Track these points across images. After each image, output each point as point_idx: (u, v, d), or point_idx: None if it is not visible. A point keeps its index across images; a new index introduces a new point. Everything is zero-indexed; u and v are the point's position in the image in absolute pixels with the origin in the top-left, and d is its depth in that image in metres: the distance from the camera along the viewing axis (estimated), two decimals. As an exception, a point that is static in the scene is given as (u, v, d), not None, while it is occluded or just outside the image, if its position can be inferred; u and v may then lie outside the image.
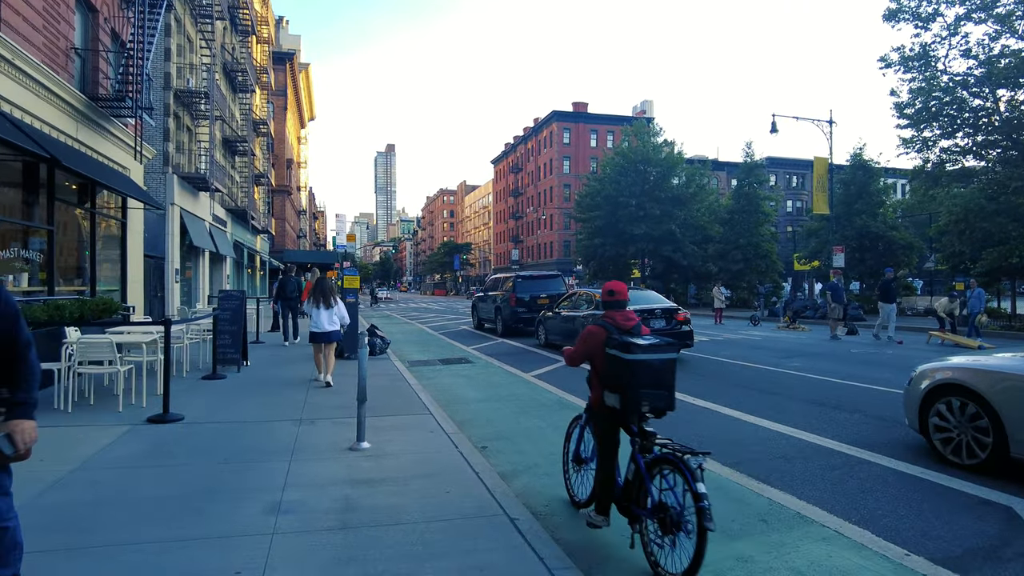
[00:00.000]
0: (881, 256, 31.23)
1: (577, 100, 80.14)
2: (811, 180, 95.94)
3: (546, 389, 9.74)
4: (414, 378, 10.30)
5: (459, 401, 8.87)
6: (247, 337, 11.35)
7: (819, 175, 29.33)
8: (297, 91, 70.39)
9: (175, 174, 21.17)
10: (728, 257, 39.87)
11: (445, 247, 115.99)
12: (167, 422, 6.73)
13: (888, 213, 32.25)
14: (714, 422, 7.41)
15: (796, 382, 10.03)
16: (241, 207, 33.30)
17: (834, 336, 18.15)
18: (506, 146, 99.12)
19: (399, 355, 14.14)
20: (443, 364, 12.82)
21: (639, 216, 40.58)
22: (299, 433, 6.42)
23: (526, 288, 18.89)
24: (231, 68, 32.16)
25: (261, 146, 45.62)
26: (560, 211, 76.88)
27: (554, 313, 15.12)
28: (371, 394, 8.67)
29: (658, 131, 43.90)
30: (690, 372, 11.26)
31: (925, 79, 22.66)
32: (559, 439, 6.68)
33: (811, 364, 12.00)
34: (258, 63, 42.02)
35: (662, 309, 12.44)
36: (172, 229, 21.02)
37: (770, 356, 13.41)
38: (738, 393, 9.16)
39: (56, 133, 11.95)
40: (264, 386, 9.35)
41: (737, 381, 10.22)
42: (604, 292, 4.44)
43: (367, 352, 5.98)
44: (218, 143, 29.33)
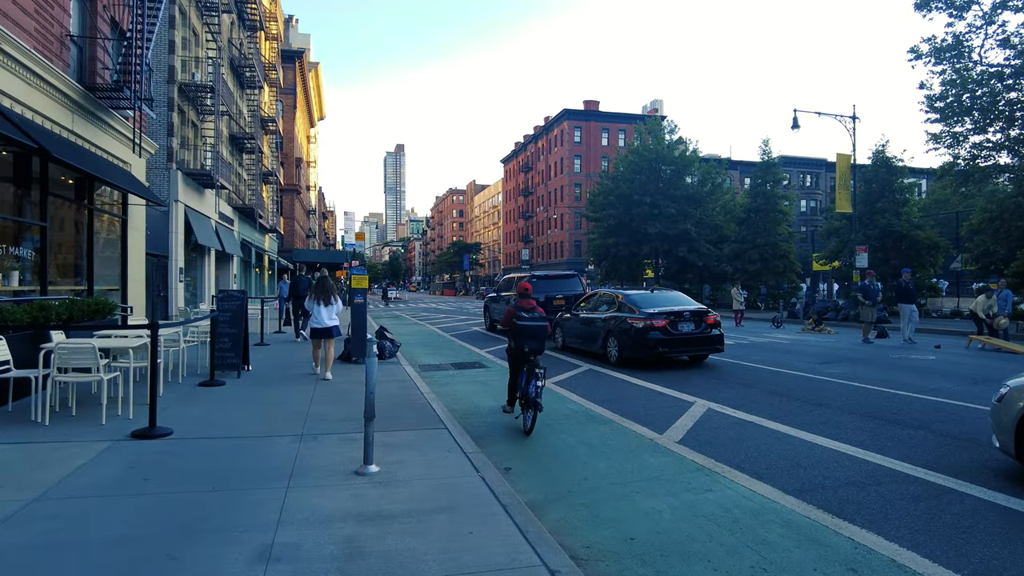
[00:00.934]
0: (904, 256, 30.21)
1: (588, 98, 79.29)
2: (825, 180, 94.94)
3: (569, 398, 8.98)
4: (426, 385, 9.56)
5: (476, 412, 8.12)
6: (249, 340, 10.65)
7: (842, 172, 28.37)
8: (306, 90, 69.98)
9: (179, 170, 20.56)
10: (744, 257, 38.93)
11: (454, 247, 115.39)
12: (153, 437, 6.02)
13: (912, 212, 31.18)
14: (763, 439, 6.63)
15: (842, 391, 9.21)
16: (249, 205, 32.73)
17: (866, 340, 17.28)
18: (516, 145, 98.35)
19: (409, 359, 13.42)
20: (456, 369, 12.09)
21: (653, 215, 39.70)
22: (300, 452, 5.69)
23: (541, 288, 18.12)
24: (239, 64, 31.60)
25: (269, 144, 45.10)
26: (571, 210, 76.00)
27: (572, 314, 14.35)
28: (381, 403, 7.94)
29: (673, 128, 43.00)
30: (724, 380, 10.47)
31: (956, 71, 21.73)
32: (593, 460, 5.96)
33: (853, 371, 11.17)
34: (267, 60, 41.48)
35: (691, 312, 11.64)
36: (176, 227, 20.42)
37: (805, 361, 12.58)
38: (781, 404, 8.37)
39: (50, 124, 11.32)
40: (264, 394, 8.65)
41: (776, 389, 9.42)
42: (519, 289, 7.99)
43: (375, 361, 5.24)
44: (225, 139, 28.76)
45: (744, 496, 4.92)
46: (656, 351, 11.31)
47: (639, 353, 11.50)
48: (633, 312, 11.75)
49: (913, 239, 29.75)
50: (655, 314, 11.44)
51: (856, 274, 28.80)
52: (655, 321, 11.31)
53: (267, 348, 14.38)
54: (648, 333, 11.29)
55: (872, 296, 18.52)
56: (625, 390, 9.60)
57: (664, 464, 5.80)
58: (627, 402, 8.65)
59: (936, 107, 21.80)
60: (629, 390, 9.60)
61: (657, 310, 11.57)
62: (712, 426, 7.22)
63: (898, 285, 18.74)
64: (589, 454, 6.14)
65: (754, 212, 39.64)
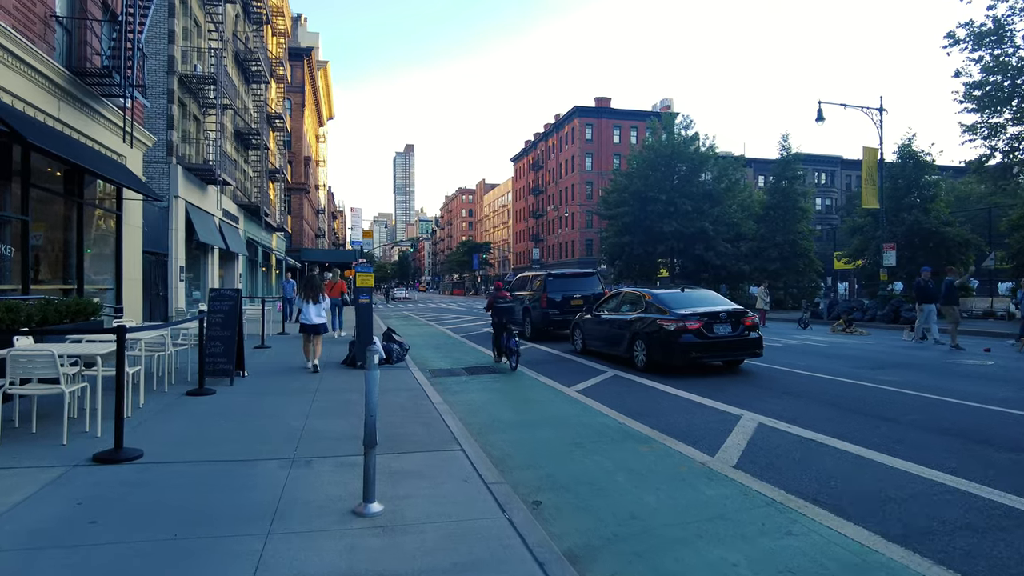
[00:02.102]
0: (933, 254, 29.04)
1: (599, 95, 78.14)
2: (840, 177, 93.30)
3: (597, 410, 8.00)
4: (437, 394, 8.62)
5: (494, 427, 7.16)
6: (244, 344, 9.75)
7: (868, 167, 27.19)
8: (315, 88, 69.35)
9: (180, 165, 19.76)
10: (763, 255, 37.81)
11: (464, 246, 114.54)
12: (118, 462, 5.11)
13: (941, 208, 29.92)
14: (834, 462, 5.63)
15: (905, 402, 8.19)
16: (254, 203, 31.96)
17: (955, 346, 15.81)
18: (526, 143, 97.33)
19: (419, 363, 12.49)
20: (469, 375, 11.13)
21: (669, 212, 38.56)
22: (288, 481, 4.76)
23: (558, 287, 17.15)
24: (244, 58, 30.83)
25: (277, 141, 44.37)
26: (582, 209, 74.93)
27: (593, 315, 13.37)
28: (387, 416, 7.01)
29: (688, 123, 41.84)
30: (768, 388, 9.45)
31: (995, 58, 20.56)
32: (638, 490, 4.98)
33: (909, 378, 10.11)
34: (273, 55, 40.73)
35: (727, 312, 10.61)
36: (176, 224, 19.61)
37: (851, 367, 11.53)
38: (841, 418, 7.36)
39: (32, 111, 10.48)
40: (258, 405, 7.73)
41: (830, 400, 8.41)
42: (495, 288, 13.02)
43: (376, 375, 4.30)
44: (229, 135, 27.98)
45: (835, 542, 3.94)
46: (689, 356, 10.31)
47: (670, 358, 10.51)
48: (663, 313, 10.75)
49: (943, 236, 28.57)
50: (688, 315, 10.43)
51: (884, 272, 27.66)
52: (688, 323, 10.31)
53: (267, 352, 13.49)
54: (681, 336, 10.29)
55: (929, 293, 17.06)
56: (659, 400, 8.61)
57: (725, 496, 4.82)
58: (664, 415, 7.66)
59: (974, 96, 20.64)
60: (664, 400, 8.61)
61: (690, 311, 10.56)
62: (769, 445, 6.23)
63: (917, 284, 17.54)
64: (632, 482, 5.17)
65: (773, 209, 38.52)
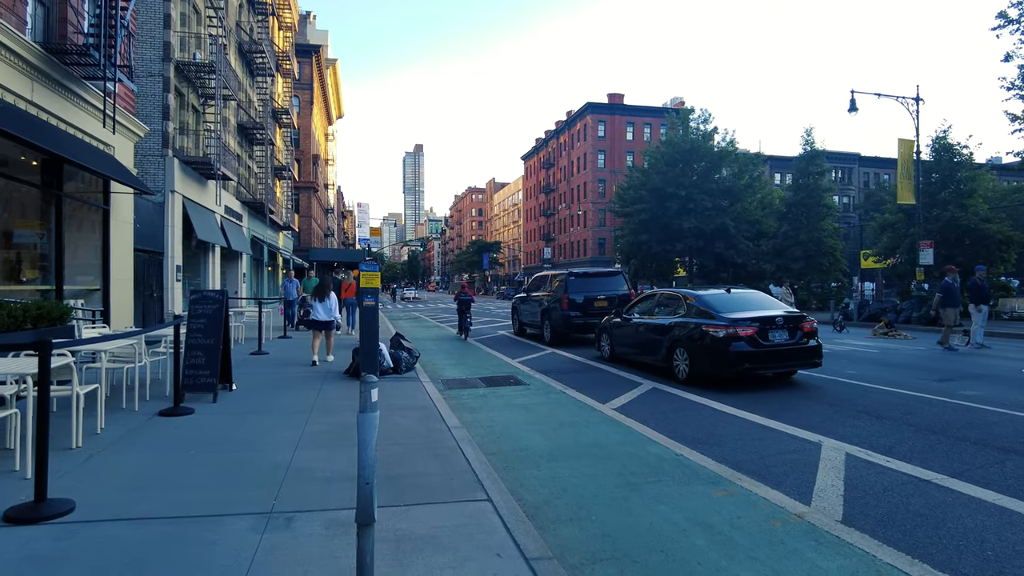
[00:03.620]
0: (971, 252, 27.48)
1: (612, 91, 76.67)
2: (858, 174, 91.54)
3: (644, 435, 6.70)
4: (452, 413, 7.36)
5: (523, 459, 5.88)
6: (231, 353, 8.52)
7: (904, 160, 25.70)
8: (324, 86, 68.40)
9: (176, 157, 18.61)
10: (786, 254, 36.29)
11: (474, 246, 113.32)
12: (35, 521, 3.87)
13: (979, 204, 28.31)
14: (972, 517, 4.32)
15: (1006, 425, 6.85)
16: (259, 200, 30.83)
17: (949, 347, 14.90)
18: (537, 141, 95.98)
19: (430, 371, 11.24)
20: (487, 387, 9.85)
21: (688, 209, 37.11)
22: (258, 555, 3.50)
23: (580, 288, 15.84)
24: (248, 49, 29.73)
25: (283, 137, 43.33)
26: (594, 207, 73.51)
27: (623, 319, 12.05)
28: (393, 445, 5.74)
29: (707, 117, 40.36)
30: (837, 406, 8.11)
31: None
32: (728, 563, 3.64)
33: (993, 392, 8.75)
34: (280, 49, 39.65)
35: (784, 317, 9.27)
36: (172, 220, 18.46)
37: (917, 377, 10.17)
38: (945, 447, 6.02)
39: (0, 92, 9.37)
40: (240, 429, 6.49)
41: (917, 421, 7.07)
42: (462, 287, 20.06)
43: (375, 421, 3.04)
44: (232, 128, 26.86)
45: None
46: (741, 367, 8.99)
47: (718, 369, 9.19)
48: (710, 318, 9.43)
49: (981, 233, 26.99)
50: (740, 320, 9.10)
51: (920, 271, 26.17)
52: (740, 329, 8.98)
53: (263, 359, 12.28)
54: (731, 344, 8.96)
55: (955, 296, 16.08)
56: (714, 422, 7.30)
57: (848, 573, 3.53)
58: (726, 442, 6.36)
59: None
60: (720, 422, 7.30)
61: (741, 315, 9.23)
62: (874, 488, 4.92)
63: (972, 283, 16.46)
64: (717, 548, 3.88)
65: (796, 206, 37.00)
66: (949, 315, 15.72)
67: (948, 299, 15.97)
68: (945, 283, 16.48)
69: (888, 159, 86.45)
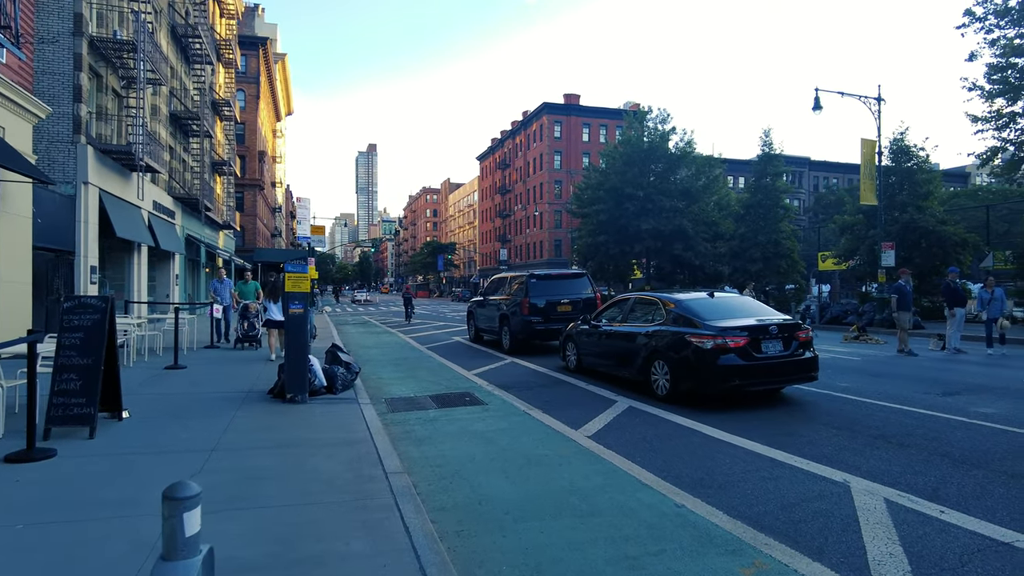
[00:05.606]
0: (929, 254, 27.35)
1: (568, 92, 76.02)
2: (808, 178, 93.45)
3: (632, 475, 5.42)
4: (394, 449, 5.96)
5: (482, 517, 4.50)
6: (118, 374, 6.88)
7: (866, 160, 25.34)
8: (272, 80, 65.71)
9: (91, 145, 16.59)
10: (744, 256, 35.88)
11: (428, 247, 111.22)
12: None
13: (935, 206, 28.31)
14: None
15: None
16: (194, 196, 28.61)
17: (907, 351, 14.30)
18: (493, 141, 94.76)
19: (374, 388, 9.78)
20: (439, 408, 8.44)
21: (647, 210, 36.45)
22: None
23: (542, 291, 14.55)
24: (184, 33, 27.55)
25: (225, 131, 40.91)
26: (551, 208, 72.68)
27: (592, 326, 10.82)
28: (311, 503, 4.29)
29: (665, 117, 39.81)
30: (848, 430, 7.00)
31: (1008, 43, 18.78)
32: None
33: (1010, 409, 7.81)
34: (221, 37, 37.31)
35: (779, 325, 8.15)
36: (86, 216, 16.44)
37: (917, 390, 9.22)
38: (997, 487, 4.93)
39: None
40: (106, 485, 4.93)
41: (948, 450, 6.00)
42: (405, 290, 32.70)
43: None
44: (163, 117, 24.73)
45: None
46: (731, 383, 7.82)
47: (704, 385, 8.01)
48: (694, 326, 8.24)
49: (939, 235, 26.85)
50: (729, 329, 7.94)
51: (882, 273, 25.88)
52: (730, 340, 7.82)
53: (178, 375, 10.57)
54: (720, 357, 7.79)
55: (908, 298, 15.57)
56: (713, 454, 6.08)
57: None
58: (735, 485, 5.13)
59: (995, 79, 18.80)
60: (719, 454, 6.08)
61: (730, 323, 8.07)
62: (946, 559, 3.74)
63: (945, 286, 16.03)
64: None
65: (754, 208, 36.63)
66: (903, 319, 15.15)
67: (901, 302, 15.41)
68: (898, 285, 15.91)
69: (837, 163, 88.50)
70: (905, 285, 15.80)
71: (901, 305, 15.34)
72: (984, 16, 18.85)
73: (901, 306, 15.33)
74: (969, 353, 14.37)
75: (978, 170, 27.78)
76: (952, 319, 15.19)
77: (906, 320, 15.22)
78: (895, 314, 15.49)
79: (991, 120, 20.14)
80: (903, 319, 15.15)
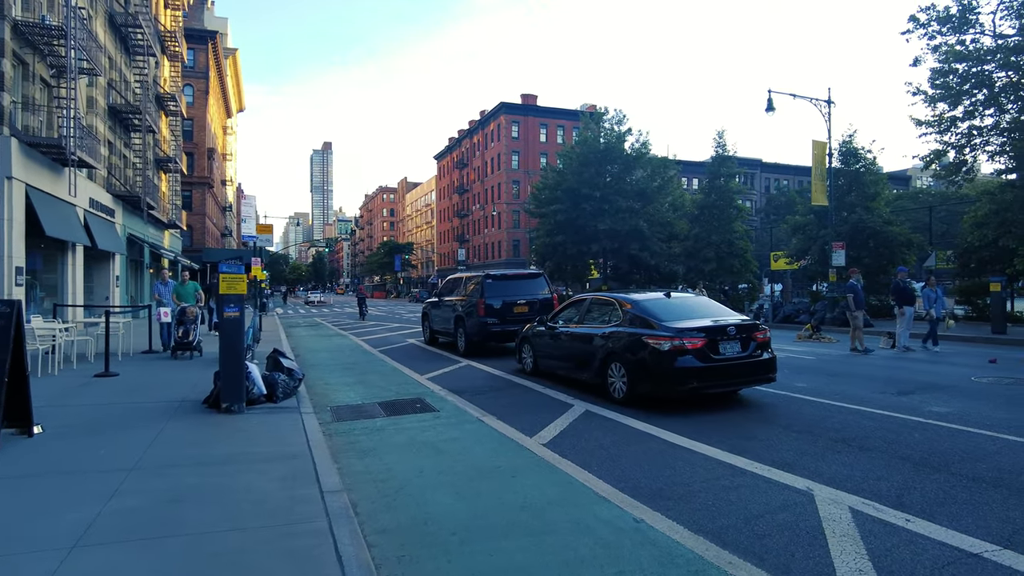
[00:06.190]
0: (876, 253, 28.05)
1: (526, 92, 75.97)
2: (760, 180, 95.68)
3: (588, 486, 5.12)
4: (334, 463, 5.54)
5: (427, 539, 4.11)
6: (27, 384, 6.24)
7: (817, 162, 25.81)
8: (222, 75, 63.78)
9: (16, 137, 15.54)
10: (699, 256, 36.31)
11: (385, 247, 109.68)
12: None
13: (882, 207, 29.11)
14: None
15: (1007, 455, 5.79)
16: (136, 193, 27.34)
17: (862, 349, 14.57)
18: (450, 140, 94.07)
19: (319, 394, 9.30)
20: (387, 416, 8.00)
21: (603, 210, 36.57)
22: None
23: (498, 291, 14.22)
24: (123, 23, 26.27)
25: (171, 126, 39.39)
26: (509, 208, 72.47)
27: (548, 328, 10.53)
28: (236, 528, 3.86)
29: (621, 118, 40.01)
30: (809, 432, 6.85)
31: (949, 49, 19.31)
32: None
33: (965, 409, 7.79)
34: (166, 28, 35.86)
35: (736, 326, 7.99)
36: (11, 213, 15.41)
37: (871, 390, 9.21)
38: (963, 492, 4.80)
39: None
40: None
41: (908, 453, 5.89)
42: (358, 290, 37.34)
43: None
44: (101, 110, 23.54)
45: None
46: (689, 386, 7.62)
47: (662, 388, 7.79)
48: (651, 327, 8.01)
49: (886, 235, 27.57)
50: (686, 330, 7.74)
51: (832, 273, 26.41)
52: (687, 341, 7.61)
53: (108, 383, 9.86)
54: (677, 359, 7.58)
55: (860, 298, 15.88)
56: (672, 461, 5.82)
57: None
58: (696, 496, 4.87)
59: (938, 83, 19.28)
60: (678, 461, 5.83)
61: (688, 324, 7.87)
62: (916, 574, 3.54)
63: (895, 285, 16.39)
64: None
65: (708, 208, 37.12)
66: (858, 318, 15.39)
67: (856, 301, 15.67)
68: (850, 284, 16.18)
69: (788, 165, 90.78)
70: (856, 284, 16.07)
71: (856, 304, 15.55)
72: (927, 22, 19.31)
73: (856, 305, 15.55)
74: (916, 351, 14.64)
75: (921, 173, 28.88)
76: (902, 317, 15.48)
77: (860, 319, 15.45)
78: (850, 313, 15.70)
79: (934, 124, 20.64)
80: (858, 318, 15.36)
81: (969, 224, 22.07)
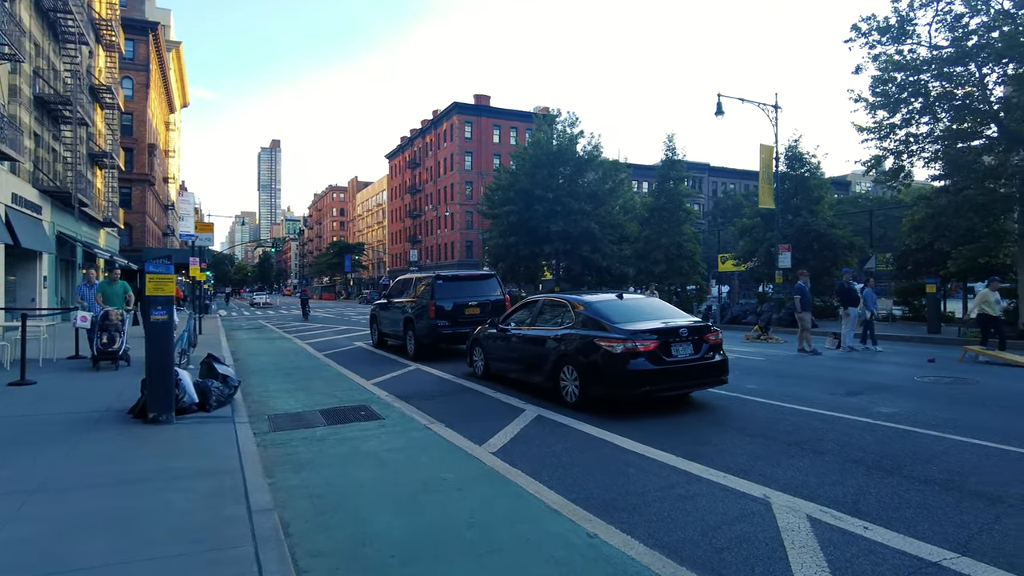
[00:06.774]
0: (820, 256, 28.84)
1: (479, 93, 75.65)
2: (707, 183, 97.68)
3: (538, 497, 4.86)
4: (266, 479, 5.14)
5: (363, 563, 3.77)
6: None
7: (765, 165, 26.32)
8: (164, 69, 61.25)
9: (-75, 127, 14.40)
10: (649, 257, 36.79)
11: (335, 247, 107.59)
12: None
13: (826, 210, 29.98)
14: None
15: (955, 456, 5.80)
16: (66, 189, 25.87)
17: (810, 350, 14.86)
18: (403, 140, 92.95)
19: (256, 402, 8.81)
20: (329, 424, 7.57)
21: (556, 212, 36.61)
22: None
23: (449, 292, 13.88)
24: (51, 8, 24.81)
25: (107, 120, 37.54)
26: (462, 209, 72.01)
27: (500, 330, 10.26)
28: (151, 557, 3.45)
29: (573, 121, 40.18)
30: (763, 435, 6.77)
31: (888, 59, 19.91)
32: None
33: (912, 409, 7.86)
34: (100, 16, 34.14)
35: (689, 328, 7.88)
36: (-82, 208, 14.24)
37: (819, 391, 9.27)
38: (916, 496, 4.74)
39: None
40: None
41: (861, 455, 5.86)
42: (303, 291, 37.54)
43: None
44: (26, 99, 22.16)
45: None
46: (641, 389, 7.47)
47: (615, 391, 7.62)
48: (603, 329, 7.84)
49: (830, 238, 28.38)
50: (639, 332, 7.58)
51: (779, 275, 26.97)
52: (640, 343, 7.46)
53: (22, 392, 9.11)
54: (629, 362, 7.42)
55: (808, 299, 16.19)
56: (626, 469, 5.63)
57: None
58: (651, 506, 4.68)
59: (879, 91, 19.83)
60: (631, 468, 5.64)
61: (640, 326, 7.73)
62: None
63: (840, 286, 16.80)
64: None
65: (658, 211, 37.63)
66: (806, 319, 15.65)
67: (803, 302, 15.93)
68: (799, 286, 16.46)
69: (734, 169, 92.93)
70: (804, 286, 16.32)
71: (804, 305, 15.77)
72: (868, 32, 19.83)
73: (804, 306, 15.76)
74: (859, 351, 14.97)
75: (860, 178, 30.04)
76: (846, 318, 15.82)
77: (808, 320, 15.69)
78: (797, 314, 15.92)
79: (875, 130, 21.22)
80: (806, 319, 15.59)
81: (907, 228, 22.86)
